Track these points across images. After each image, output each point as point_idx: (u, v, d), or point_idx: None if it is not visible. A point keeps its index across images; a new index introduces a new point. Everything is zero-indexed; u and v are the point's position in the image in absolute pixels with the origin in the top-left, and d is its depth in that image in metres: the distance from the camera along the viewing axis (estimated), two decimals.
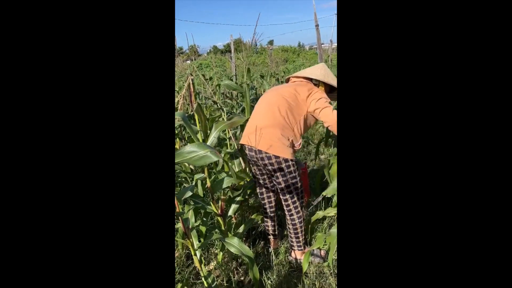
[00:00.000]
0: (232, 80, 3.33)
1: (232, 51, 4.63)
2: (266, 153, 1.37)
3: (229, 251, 1.54)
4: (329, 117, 1.36)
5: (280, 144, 1.36)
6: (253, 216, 1.52)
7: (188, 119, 0.90)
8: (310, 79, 1.54)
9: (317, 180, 1.93)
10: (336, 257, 1.56)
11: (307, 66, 1.96)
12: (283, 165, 1.38)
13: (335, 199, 1.45)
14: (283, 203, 1.50)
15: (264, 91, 3.01)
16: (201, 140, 1.20)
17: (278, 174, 1.41)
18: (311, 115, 1.45)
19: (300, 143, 1.45)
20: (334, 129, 1.40)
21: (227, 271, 1.52)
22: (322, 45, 6.44)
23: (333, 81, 1.53)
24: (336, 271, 1.49)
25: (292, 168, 1.41)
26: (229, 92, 3.58)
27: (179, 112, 0.82)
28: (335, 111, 1.37)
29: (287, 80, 1.65)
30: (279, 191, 1.49)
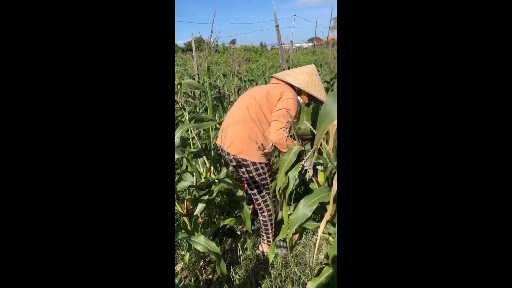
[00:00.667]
0: (194, 79, 3.28)
1: (194, 49, 4.55)
2: (234, 155, 1.38)
3: (196, 250, 1.54)
4: (273, 133, 1.32)
5: (247, 147, 1.35)
6: (226, 222, 1.53)
7: None
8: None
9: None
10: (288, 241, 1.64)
11: (270, 66, 1.99)
12: (251, 168, 1.39)
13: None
14: (253, 198, 1.54)
15: (227, 90, 3.01)
16: None
17: (246, 175, 1.42)
18: None
19: (271, 146, 1.40)
20: (277, 146, 1.37)
21: (195, 271, 1.52)
22: (283, 45, 6.62)
23: (315, 92, 1.42)
24: (297, 260, 1.57)
25: (260, 171, 1.40)
26: (191, 91, 3.53)
27: None
28: (282, 133, 1.31)
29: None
30: (248, 188, 1.52)
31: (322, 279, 1.02)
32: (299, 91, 1.45)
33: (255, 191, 1.49)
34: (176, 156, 0.75)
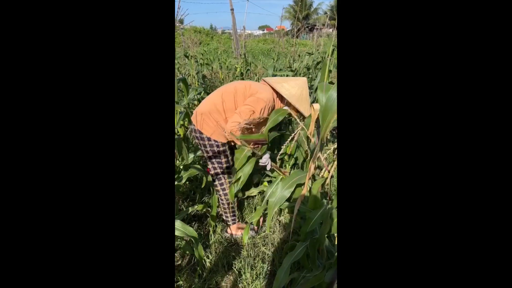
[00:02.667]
0: None
1: None
2: (193, 126, 1.45)
3: None
4: (229, 122, 1.33)
5: (207, 123, 1.40)
6: (198, 208, 1.52)
7: None
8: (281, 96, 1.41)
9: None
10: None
11: (222, 50, 1.93)
12: (206, 143, 1.44)
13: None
14: (212, 182, 1.57)
15: (189, 74, 2.87)
16: None
17: (202, 149, 1.47)
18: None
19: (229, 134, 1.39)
20: (227, 129, 1.37)
21: None
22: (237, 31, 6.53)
23: (303, 107, 1.41)
24: (266, 240, 1.66)
25: (215, 148, 1.45)
26: None
27: None
28: (235, 127, 1.30)
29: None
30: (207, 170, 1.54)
31: (296, 254, 1.11)
32: (288, 103, 1.44)
33: (212, 171, 1.52)
34: None
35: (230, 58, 6.00)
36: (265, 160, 1.37)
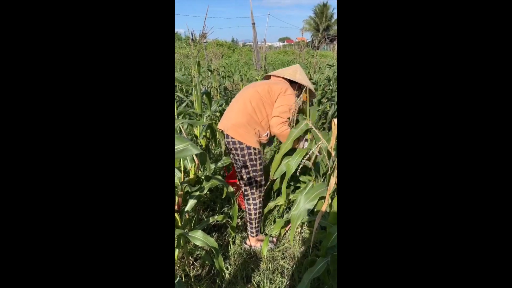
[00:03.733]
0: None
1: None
2: (232, 138, 1.47)
3: (185, 247, 1.53)
4: (275, 127, 1.47)
5: (244, 131, 1.45)
6: (218, 218, 1.56)
7: None
8: (289, 80, 1.59)
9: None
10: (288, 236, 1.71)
11: (243, 62, 2.07)
12: (245, 151, 1.47)
13: (282, 189, 1.60)
14: (243, 189, 1.59)
15: (211, 86, 2.99)
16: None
17: (240, 158, 1.50)
18: None
19: (267, 136, 1.52)
20: (279, 137, 1.54)
21: (183, 266, 1.51)
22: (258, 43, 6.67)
23: (311, 86, 1.62)
24: (285, 254, 1.64)
25: (253, 156, 1.49)
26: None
27: None
28: (284, 126, 1.47)
29: (267, 77, 1.72)
30: (239, 176, 1.58)
31: (316, 270, 1.09)
32: (298, 87, 1.61)
33: (245, 178, 1.55)
34: (194, 151, 0.76)
35: (251, 70, 6.12)
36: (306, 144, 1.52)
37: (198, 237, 1.16)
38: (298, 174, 1.22)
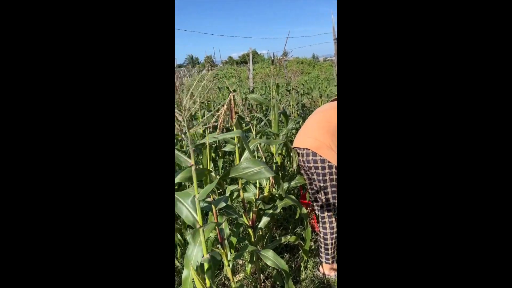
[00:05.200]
0: (252, 92, 3.39)
1: (251, 62, 4.77)
2: (311, 151, 1.43)
3: (257, 263, 1.56)
4: None
5: (325, 146, 1.42)
6: (290, 239, 1.54)
7: (245, 138, 0.93)
8: None
9: None
10: None
11: (323, 78, 2.03)
12: (325, 164, 1.42)
13: None
14: (317, 210, 1.53)
15: (289, 104, 3.07)
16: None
17: (320, 178, 1.45)
18: None
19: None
20: None
21: (254, 282, 1.53)
22: None
23: None
24: None
25: (333, 170, 1.42)
26: (249, 104, 3.65)
27: (238, 131, 0.87)
28: None
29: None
30: (313, 198, 1.52)
31: None
32: None
33: (323, 198, 1.47)
34: (267, 175, 0.79)
35: (330, 86, 5.97)
36: None
37: (269, 257, 1.17)
38: None
